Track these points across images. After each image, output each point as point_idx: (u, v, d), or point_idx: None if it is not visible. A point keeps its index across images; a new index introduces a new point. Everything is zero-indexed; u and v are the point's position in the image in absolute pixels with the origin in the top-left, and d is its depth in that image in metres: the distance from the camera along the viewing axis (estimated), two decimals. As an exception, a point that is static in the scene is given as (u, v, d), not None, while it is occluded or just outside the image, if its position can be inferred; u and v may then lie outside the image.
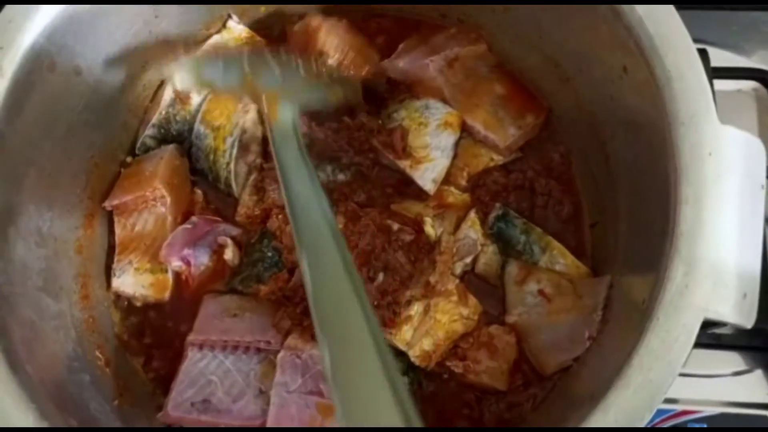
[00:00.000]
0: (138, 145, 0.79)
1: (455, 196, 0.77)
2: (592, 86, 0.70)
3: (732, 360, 0.83)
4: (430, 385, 0.72)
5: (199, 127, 0.78)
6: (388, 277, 0.69)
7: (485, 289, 0.75)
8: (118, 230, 0.76)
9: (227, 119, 0.78)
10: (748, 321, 0.51)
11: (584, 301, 0.69)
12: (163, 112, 0.78)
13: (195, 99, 0.79)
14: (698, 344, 0.80)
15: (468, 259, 0.74)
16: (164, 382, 0.73)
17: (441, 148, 0.77)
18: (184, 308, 0.75)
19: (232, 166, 0.78)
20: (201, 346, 0.71)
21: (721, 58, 0.93)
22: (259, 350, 0.71)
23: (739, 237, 0.52)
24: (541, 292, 0.72)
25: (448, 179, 0.78)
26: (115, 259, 0.75)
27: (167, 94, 0.78)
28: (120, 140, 0.79)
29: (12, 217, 0.63)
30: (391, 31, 0.85)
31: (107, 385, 0.69)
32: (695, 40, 0.91)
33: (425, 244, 0.72)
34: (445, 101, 0.78)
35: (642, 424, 0.48)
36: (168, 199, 0.75)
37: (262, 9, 0.82)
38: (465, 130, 0.78)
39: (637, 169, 0.63)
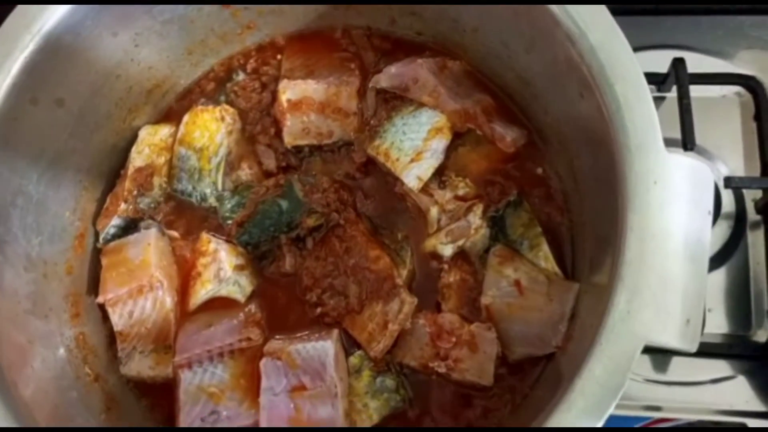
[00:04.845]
0: (102, 236, 0.79)
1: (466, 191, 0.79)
2: (557, 106, 0.71)
3: (713, 367, 0.84)
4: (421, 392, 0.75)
5: (180, 149, 0.81)
6: (337, 302, 0.74)
7: (465, 286, 0.77)
8: (115, 319, 0.76)
9: (210, 140, 0.81)
10: (691, 346, 0.53)
11: (553, 306, 0.71)
12: (131, 207, 0.80)
13: (156, 181, 0.81)
14: (677, 352, 0.83)
15: (460, 242, 0.77)
16: (151, 391, 0.77)
17: (431, 150, 0.78)
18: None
19: (219, 185, 0.80)
20: (189, 365, 0.75)
21: (705, 63, 0.93)
22: (242, 350, 0.75)
23: (683, 263, 0.53)
24: (517, 282, 0.74)
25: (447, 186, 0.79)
26: (119, 347, 0.76)
27: (129, 183, 0.80)
28: (109, 162, 0.82)
29: (-1, 245, 0.66)
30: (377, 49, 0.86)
31: (95, 400, 0.72)
32: (677, 47, 0.94)
33: (389, 288, 0.74)
34: (436, 106, 0.79)
35: (582, 448, 0.50)
36: (165, 283, 0.76)
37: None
38: (472, 126, 0.79)
39: (597, 190, 0.65)
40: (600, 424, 0.50)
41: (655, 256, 0.52)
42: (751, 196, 0.88)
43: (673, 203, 0.54)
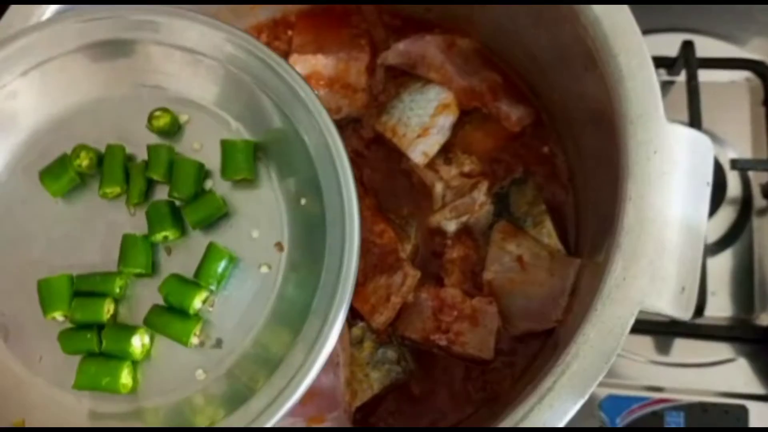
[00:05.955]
0: None
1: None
2: (563, 82, 0.71)
3: (715, 349, 0.85)
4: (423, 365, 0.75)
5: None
6: None
7: (468, 262, 0.77)
8: None
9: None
10: (685, 314, 0.53)
11: (555, 281, 0.72)
12: None
13: None
14: (679, 333, 0.84)
15: (464, 218, 0.77)
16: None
17: (438, 126, 0.79)
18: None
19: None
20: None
21: (714, 48, 0.94)
22: None
23: (681, 232, 0.54)
24: (519, 258, 0.74)
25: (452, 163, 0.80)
26: None
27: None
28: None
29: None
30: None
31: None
32: (687, 30, 0.94)
33: (392, 261, 0.75)
34: (443, 83, 0.80)
35: (574, 410, 0.51)
36: None
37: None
38: (477, 104, 0.79)
39: (600, 168, 0.65)
40: (592, 389, 0.51)
41: (653, 224, 0.53)
42: (758, 180, 0.88)
43: (672, 173, 0.54)
